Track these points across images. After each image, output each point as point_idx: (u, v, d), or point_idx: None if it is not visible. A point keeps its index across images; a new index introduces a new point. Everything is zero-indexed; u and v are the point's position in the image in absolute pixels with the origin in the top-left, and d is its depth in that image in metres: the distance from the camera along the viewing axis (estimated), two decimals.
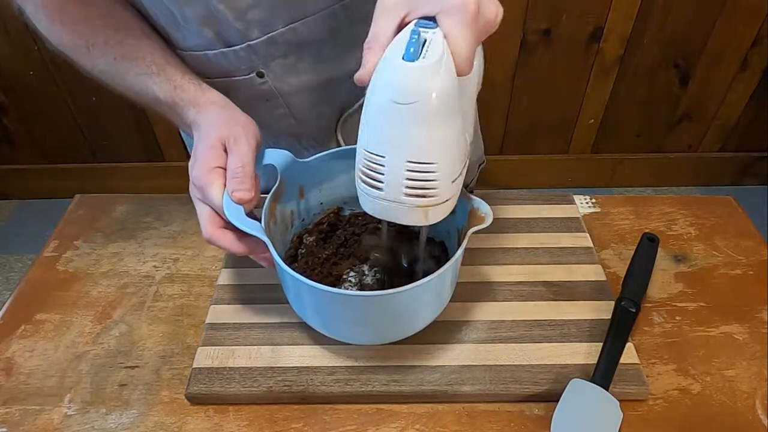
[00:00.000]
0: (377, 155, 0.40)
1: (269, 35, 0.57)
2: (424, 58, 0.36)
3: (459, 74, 0.38)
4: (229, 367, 0.53)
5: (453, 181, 0.42)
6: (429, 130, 0.38)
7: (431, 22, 0.38)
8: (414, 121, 0.38)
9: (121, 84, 0.57)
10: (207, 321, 0.57)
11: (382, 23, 0.39)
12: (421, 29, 0.37)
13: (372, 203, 0.43)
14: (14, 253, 1.74)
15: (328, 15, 0.58)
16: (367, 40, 0.40)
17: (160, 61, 0.56)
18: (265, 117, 0.65)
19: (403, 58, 0.36)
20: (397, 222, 0.43)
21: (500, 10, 0.39)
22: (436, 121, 0.38)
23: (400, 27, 0.39)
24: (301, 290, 0.48)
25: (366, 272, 0.58)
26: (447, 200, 0.42)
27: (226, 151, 0.49)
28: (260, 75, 0.61)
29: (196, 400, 0.52)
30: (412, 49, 0.36)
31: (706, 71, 1.61)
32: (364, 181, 0.42)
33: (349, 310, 0.48)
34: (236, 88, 0.61)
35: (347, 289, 0.57)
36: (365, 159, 0.41)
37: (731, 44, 1.55)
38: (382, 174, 0.40)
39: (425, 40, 0.37)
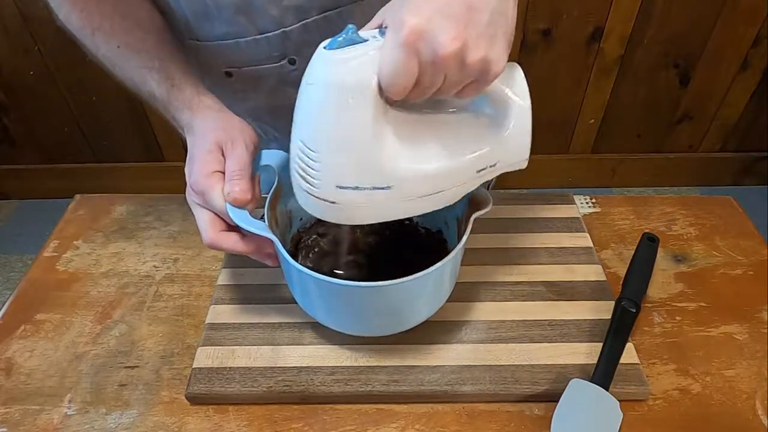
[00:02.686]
0: (292, 126, 0.42)
1: (303, 22, 0.57)
2: (341, 51, 0.37)
3: (384, 92, 0.37)
4: (229, 367, 0.53)
5: (339, 187, 0.40)
6: (317, 117, 0.39)
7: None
8: (307, 101, 0.39)
9: (121, 73, 0.57)
10: (207, 321, 0.57)
11: (369, 24, 0.40)
12: (374, 33, 0.38)
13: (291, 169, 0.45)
14: (14, 253, 1.74)
15: (364, 5, 0.58)
16: None
17: (163, 57, 0.55)
18: (291, 104, 0.65)
19: (324, 47, 0.38)
20: (295, 195, 0.45)
21: (472, 54, 0.35)
22: (326, 110, 0.39)
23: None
24: (306, 283, 0.48)
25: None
26: (332, 202, 0.41)
27: (223, 155, 0.48)
28: (292, 62, 0.61)
29: (196, 400, 0.52)
30: (339, 39, 0.37)
31: (706, 71, 1.61)
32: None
33: (352, 300, 0.48)
34: (266, 76, 0.61)
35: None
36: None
37: (731, 44, 1.55)
38: (291, 145, 0.42)
39: (363, 41, 0.37)
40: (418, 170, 0.42)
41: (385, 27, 0.37)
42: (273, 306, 0.58)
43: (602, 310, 0.57)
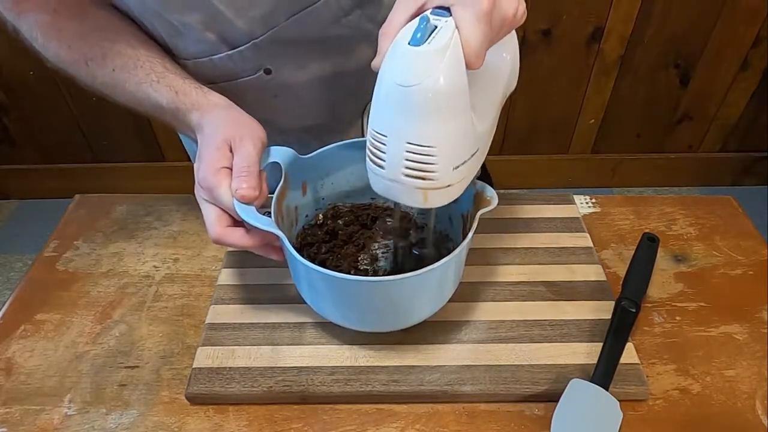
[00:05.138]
0: (380, 134, 0.41)
1: (273, 30, 0.57)
2: (429, 44, 0.37)
3: (468, 66, 0.38)
4: (229, 367, 0.53)
5: (455, 168, 0.42)
6: (429, 115, 0.39)
7: (446, 12, 0.38)
8: (414, 104, 0.39)
9: (122, 95, 0.57)
10: (207, 321, 0.57)
11: (398, 11, 0.41)
12: (433, 17, 0.38)
13: (376, 181, 0.44)
14: (14, 253, 1.74)
15: (331, 3, 0.58)
16: (382, 27, 0.41)
17: (159, 69, 0.56)
18: (274, 113, 0.65)
19: (409, 43, 0.37)
20: (398, 201, 0.44)
21: (522, 8, 0.40)
22: (437, 106, 0.39)
23: (417, 15, 0.40)
24: (313, 278, 0.48)
25: (379, 256, 0.59)
26: (448, 186, 0.43)
27: (231, 151, 0.49)
28: (267, 72, 0.61)
29: (196, 400, 0.52)
30: (419, 35, 0.37)
31: (706, 71, 1.61)
32: (370, 159, 0.43)
33: (360, 295, 0.48)
34: (244, 89, 0.61)
35: (362, 270, 0.58)
36: (371, 137, 0.42)
37: (731, 44, 1.55)
38: (384, 153, 0.41)
39: (435, 28, 0.38)
40: (486, 125, 0.46)
41: (441, 6, 0.38)
42: (273, 306, 0.58)
43: (602, 310, 0.57)
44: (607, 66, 1.60)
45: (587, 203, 0.72)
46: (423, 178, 0.41)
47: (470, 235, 0.47)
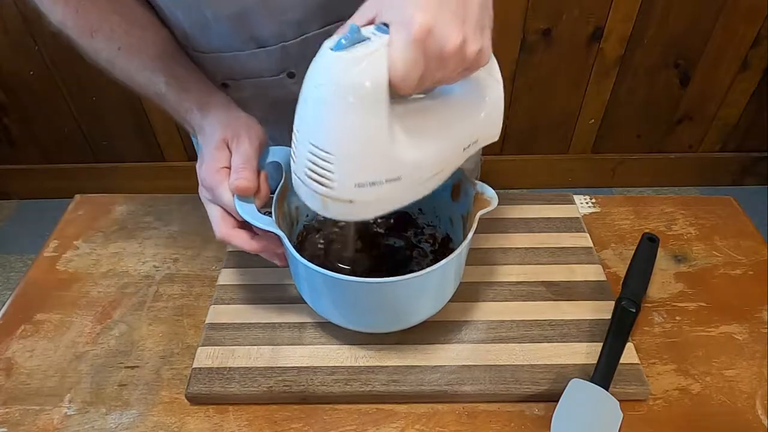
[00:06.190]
0: (296, 129, 0.41)
1: (303, 36, 0.57)
2: (346, 51, 0.37)
3: (394, 88, 0.37)
4: (229, 367, 0.53)
5: (358, 185, 0.40)
6: (329, 118, 0.38)
7: (387, 29, 0.37)
8: (318, 104, 0.39)
9: (125, 75, 0.56)
10: (207, 321, 0.57)
11: (354, 18, 0.40)
12: (372, 30, 0.37)
13: (292, 175, 0.44)
14: (14, 253, 1.74)
15: None
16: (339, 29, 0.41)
17: (166, 56, 0.55)
18: (290, 115, 0.65)
19: (330, 48, 0.37)
20: (304, 201, 0.44)
21: (473, 47, 0.37)
22: (343, 114, 0.38)
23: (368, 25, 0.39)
24: (313, 279, 0.48)
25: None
26: (350, 201, 0.41)
27: (230, 151, 0.49)
28: (291, 75, 0.61)
29: (196, 400, 0.52)
30: (343, 41, 0.37)
31: (706, 71, 1.61)
32: (292, 151, 0.43)
33: (360, 296, 0.48)
34: (265, 89, 0.61)
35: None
36: (293, 131, 0.42)
37: (731, 44, 1.55)
38: (296, 148, 0.42)
39: (365, 39, 0.37)
40: (421, 157, 0.43)
41: (384, 23, 0.37)
42: (273, 306, 0.58)
43: (602, 310, 0.57)
44: (607, 66, 1.60)
45: (587, 203, 0.72)
46: (321, 184, 0.41)
47: (470, 235, 0.47)
